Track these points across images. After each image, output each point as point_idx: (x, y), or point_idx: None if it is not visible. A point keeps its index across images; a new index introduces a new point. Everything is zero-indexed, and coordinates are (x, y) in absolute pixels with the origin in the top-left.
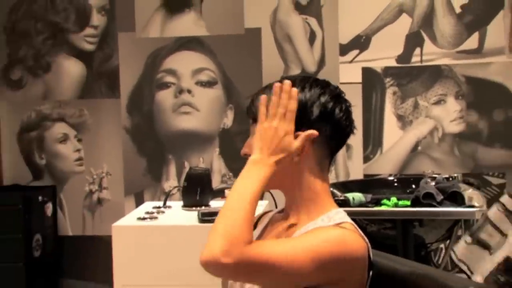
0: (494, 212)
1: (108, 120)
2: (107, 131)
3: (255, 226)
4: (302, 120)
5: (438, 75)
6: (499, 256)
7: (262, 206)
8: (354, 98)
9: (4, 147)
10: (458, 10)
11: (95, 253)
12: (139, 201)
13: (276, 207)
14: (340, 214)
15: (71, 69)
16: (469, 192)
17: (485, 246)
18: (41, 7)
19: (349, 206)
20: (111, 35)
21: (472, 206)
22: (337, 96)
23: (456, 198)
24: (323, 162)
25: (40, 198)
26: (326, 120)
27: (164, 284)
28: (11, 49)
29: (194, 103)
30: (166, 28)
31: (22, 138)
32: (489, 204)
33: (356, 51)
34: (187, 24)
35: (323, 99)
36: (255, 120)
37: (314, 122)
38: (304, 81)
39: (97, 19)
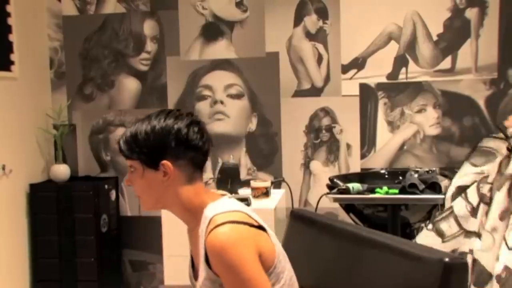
0: (460, 208)
1: None
2: None
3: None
4: (164, 150)
5: (420, 89)
6: (448, 247)
7: (279, 194)
8: (353, 107)
9: (79, 147)
10: (435, 38)
11: (149, 229)
12: None
13: (292, 197)
14: (210, 210)
15: (130, 86)
16: (445, 183)
17: (441, 234)
18: (108, 38)
19: (350, 193)
20: (161, 59)
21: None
22: (190, 122)
23: (435, 187)
24: (193, 176)
25: (106, 186)
26: (183, 145)
27: None
28: (85, 71)
29: (225, 111)
30: (203, 52)
31: (92, 140)
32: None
33: (354, 70)
34: (220, 49)
35: (176, 127)
36: (125, 157)
37: (174, 149)
38: (159, 114)
39: (150, 46)
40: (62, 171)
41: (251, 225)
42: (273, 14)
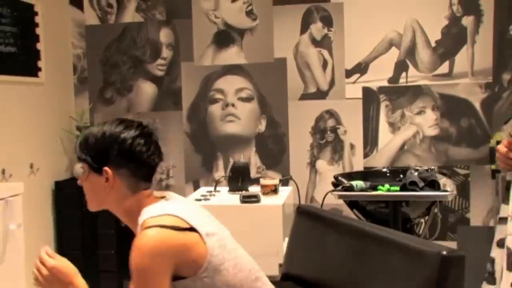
0: None
1: (173, 126)
2: (172, 135)
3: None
4: (107, 157)
5: (419, 92)
6: None
7: (287, 191)
8: (357, 110)
9: None
10: (433, 44)
11: None
12: (196, 187)
13: (299, 194)
14: (142, 216)
15: (147, 90)
16: (443, 180)
17: None
18: (126, 45)
19: (353, 190)
20: (176, 64)
21: (445, 191)
22: (138, 134)
23: (434, 185)
24: (136, 186)
25: None
26: (126, 156)
27: None
28: (105, 76)
29: (236, 113)
30: (216, 58)
31: None
32: (457, 189)
33: (358, 75)
34: (231, 55)
35: (122, 136)
36: (79, 159)
37: (116, 158)
38: (114, 121)
39: (166, 52)
40: None
41: (179, 229)
42: (281, 22)
